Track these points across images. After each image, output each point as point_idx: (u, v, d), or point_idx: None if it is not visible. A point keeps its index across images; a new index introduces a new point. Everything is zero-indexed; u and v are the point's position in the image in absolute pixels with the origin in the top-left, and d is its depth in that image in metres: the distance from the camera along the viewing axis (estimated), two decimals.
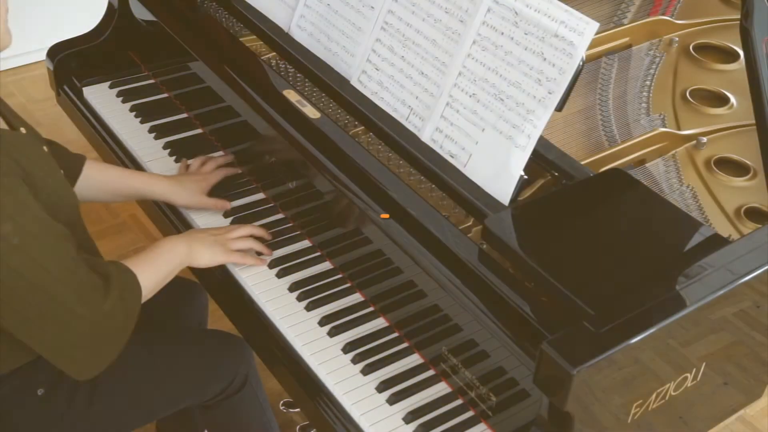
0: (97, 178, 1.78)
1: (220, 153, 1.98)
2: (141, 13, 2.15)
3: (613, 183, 1.51)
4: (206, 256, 1.65)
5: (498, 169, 1.49)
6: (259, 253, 1.72)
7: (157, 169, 1.95)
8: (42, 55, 2.26)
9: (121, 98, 2.14)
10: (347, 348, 1.56)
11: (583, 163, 1.60)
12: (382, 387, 1.50)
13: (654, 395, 1.31)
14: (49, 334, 1.39)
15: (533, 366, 1.22)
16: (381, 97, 1.67)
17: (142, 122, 2.08)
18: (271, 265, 1.71)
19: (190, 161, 1.93)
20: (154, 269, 1.55)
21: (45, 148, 1.53)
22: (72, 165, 1.75)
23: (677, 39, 2.04)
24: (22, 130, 1.49)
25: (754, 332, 1.45)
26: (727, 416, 1.55)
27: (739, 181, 1.68)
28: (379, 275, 1.62)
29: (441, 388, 1.52)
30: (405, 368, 1.54)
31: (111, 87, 2.18)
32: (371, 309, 1.64)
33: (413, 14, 1.62)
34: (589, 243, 1.40)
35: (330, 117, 1.68)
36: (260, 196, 1.88)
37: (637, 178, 1.54)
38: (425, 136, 1.60)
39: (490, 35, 1.51)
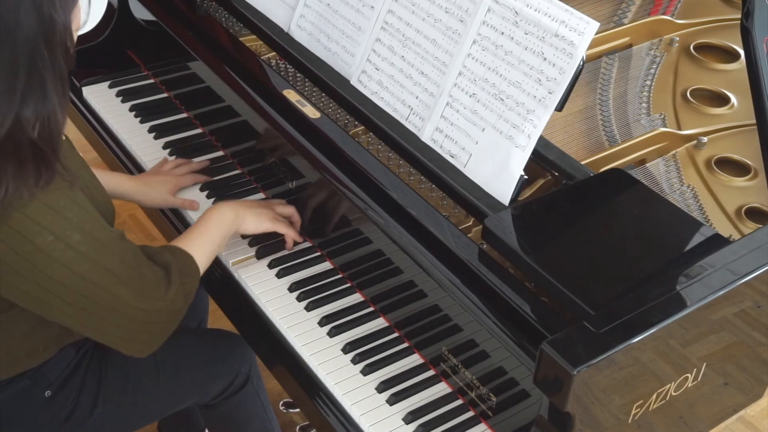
0: None
1: (201, 158, 1.97)
2: (141, 13, 2.15)
3: (613, 183, 1.51)
4: (253, 222, 1.66)
5: (498, 169, 1.48)
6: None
7: None
8: None
9: (120, 98, 2.14)
10: (347, 348, 1.56)
11: (583, 163, 1.60)
12: (382, 387, 1.50)
13: (654, 395, 1.31)
14: (113, 327, 1.41)
15: (533, 366, 1.22)
16: (381, 97, 1.67)
17: (141, 122, 2.08)
18: (271, 265, 1.71)
19: (170, 158, 1.95)
20: (207, 242, 1.57)
21: (81, 154, 1.53)
22: None
23: (678, 39, 2.03)
24: (63, 136, 1.49)
25: (754, 332, 1.44)
26: (727, 416, 1.55)
27: (740, 181, 1.68)
28: (379, 275, 1.61)
29: (441, 389, 1.52)
30: (405, 368, 1.54)
31: (110, 87, 2.17)
32: (371, 309, 1.63)
33: (413, 14, 1.62)
34: (589, 243, 1.40)
35: (330, 117, 1.68)
36: (260, 196, 1.88)
37: (638, 178, 1.54)
38: (425, 136, 1.60)
39: (490, 35, 1.51)
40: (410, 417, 1.46)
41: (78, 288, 1.34)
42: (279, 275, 1.69)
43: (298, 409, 2.20)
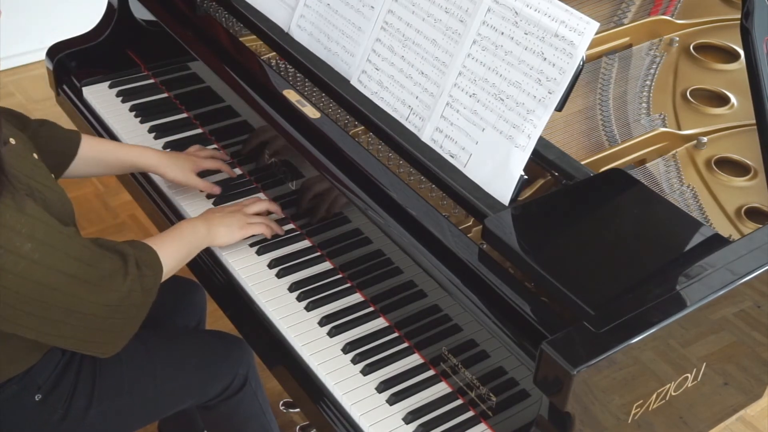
0: (91, 154, 1.79)
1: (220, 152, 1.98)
2: (141, 13, 2.15)
3: (613, 183, 1.51)
4: (225, 235, 1.69)
5: (498, 169, 1.48)
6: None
7: None
8: (41, 55, 2.26)
9: (120, 98, 2.14)
10: (347, 348, 1.56)
11: (583, 163, 1.60)
12: (382, 387, 1.50)
13: (654, 395, 1.31)
14: (72, 329, 1.41)
15: (533, 366, 1.22)
16: (381, 97, 1.67)
17: (141, 122, 2.08)
18: (271, 265, 1.71)
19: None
20: (176, 248, 1.59)
21: (35, 155, 1.52)
22: (68, 144, 1.76)
23: (677, 39, 2.03)
24: (12, 141, 1.47)
25: (754, 332, 1.45)
26: (727, 416, 1.55)
27: (740, 181, 1.68)
28: (379, 275, 1.61)
29: (441, 388, 1.52)
30: (405, 368, 1.54)
31: (111, 87, 2.18)
32: (371, 309, 1.63)
33: (413, 14, 1.62)
34: (589, 243, 1.40)
35: (330, 117, 1.68)
36: (260, 196, 1.88)
37: (638, 178, 1.54)
38: (425, 136, 1.60)
39: (490, 35, 1.51)
40: (410, 417, 1.46)
41: (34, 294, 1.35)
42: (279, 275, 1.69)
43: (298, 409, 2.20)
